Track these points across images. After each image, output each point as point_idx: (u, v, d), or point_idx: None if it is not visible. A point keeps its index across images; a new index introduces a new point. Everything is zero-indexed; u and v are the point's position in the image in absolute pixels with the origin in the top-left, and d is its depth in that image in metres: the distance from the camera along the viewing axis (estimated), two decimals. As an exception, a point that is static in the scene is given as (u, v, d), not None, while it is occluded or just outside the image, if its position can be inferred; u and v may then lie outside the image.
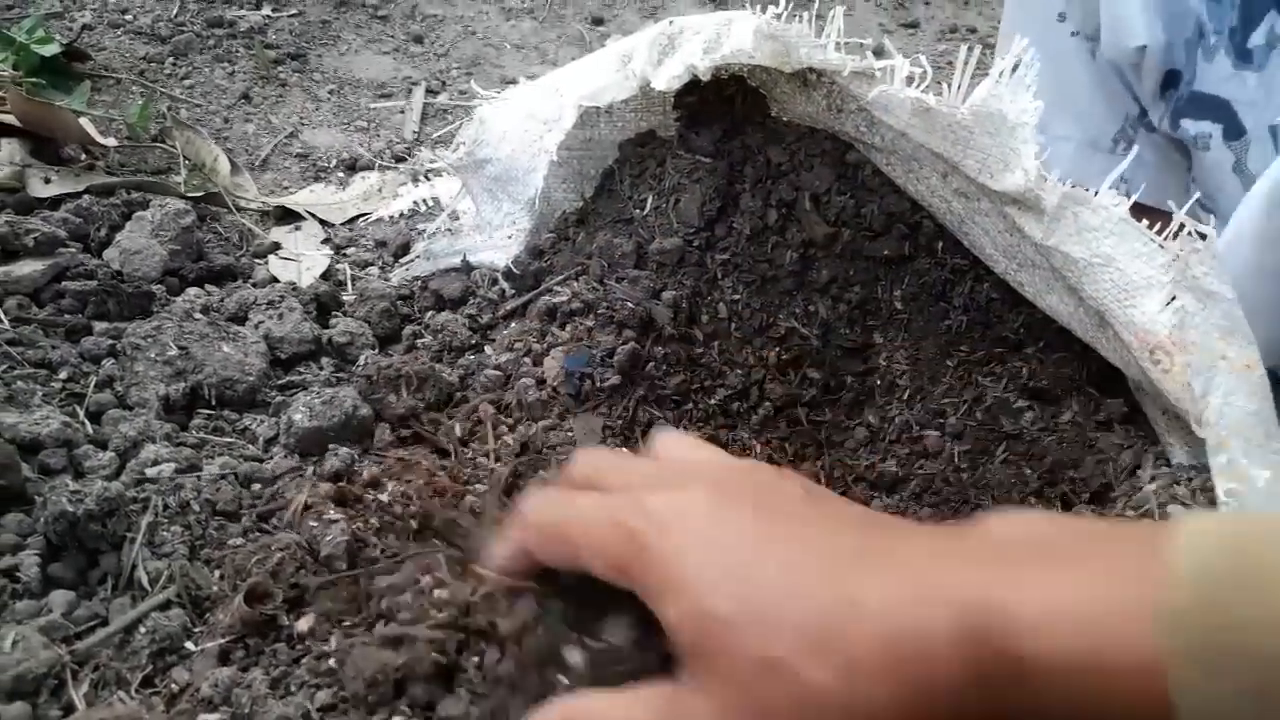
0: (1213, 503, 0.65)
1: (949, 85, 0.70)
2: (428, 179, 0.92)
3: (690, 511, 0.46)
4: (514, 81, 1.26)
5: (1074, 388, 0.80)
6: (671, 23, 0.82)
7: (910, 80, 0.72)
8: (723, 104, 0.86)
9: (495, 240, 0.93)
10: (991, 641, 0.38)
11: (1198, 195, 0.82)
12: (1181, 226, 0.65)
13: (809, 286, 0.86)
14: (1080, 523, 0.49)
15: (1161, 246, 0.66)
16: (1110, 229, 0.68)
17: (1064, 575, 0.39)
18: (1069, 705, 0.38)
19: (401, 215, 0.98)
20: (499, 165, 0.86)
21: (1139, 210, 0.68)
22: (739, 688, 0.42)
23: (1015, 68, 0.68)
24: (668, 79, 0.78)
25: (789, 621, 0.41)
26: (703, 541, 0.44)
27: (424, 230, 0.98)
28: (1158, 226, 0.67)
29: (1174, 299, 0.65)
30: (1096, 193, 0.68)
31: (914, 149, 0.77)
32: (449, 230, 0.93)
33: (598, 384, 0.78)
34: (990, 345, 0.83)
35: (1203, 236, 0.64)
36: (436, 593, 0.57)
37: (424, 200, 0.95)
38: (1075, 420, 0.79)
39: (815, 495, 0.49)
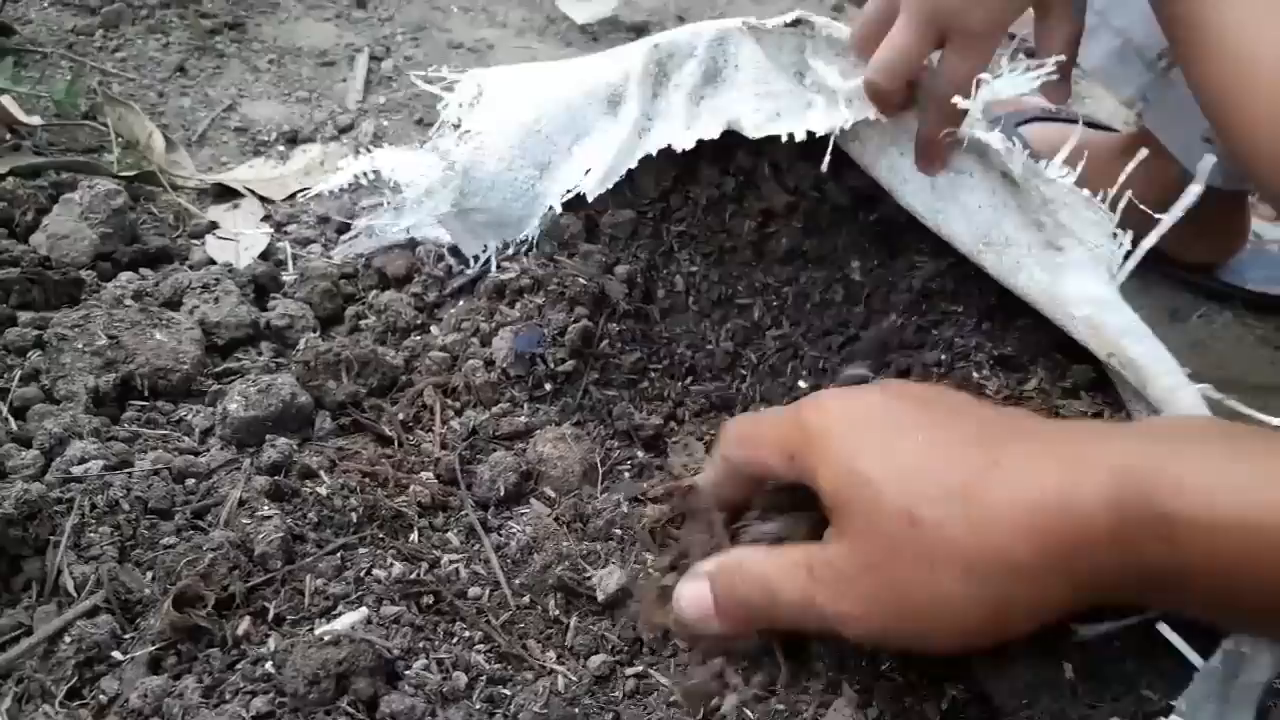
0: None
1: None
2: (369, 150, 0.88)
3: (856, 404, 0.51)
4: (460, 46, 1.22)
5: (1040, 354, 0.78)
6: (656, 46, 0.78)
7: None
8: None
9: (439, 211, 0.89)
10: (1142, 500, 0.40)
11: None
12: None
13: (768, 257, 0.83)
14: (1232, 424, 0.52)
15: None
16: (1063, 200, 0.68)
17: (1220, 450, 0.42)
18: (1211, 565, 0.40)
19: (344, 190, 0.94)
20: (490, 214, 0.82)
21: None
22: (877, 539, 0.45)
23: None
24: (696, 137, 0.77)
25: (930, 480, 0.44)
26: (861, 422, 0.49)
27: (367, 206, 0.95)
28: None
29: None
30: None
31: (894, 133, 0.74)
32: (393, 206, 0.90)
33: (550, 366, 0.75)
34: (953, 314, 0.80)
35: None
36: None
37: (365, 174, 0.91)
38: (1041, 387, 0.77)
39: (983, 402, 0.53)
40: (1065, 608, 0.45)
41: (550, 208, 0.80)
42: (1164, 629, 0.53)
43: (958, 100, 0.65)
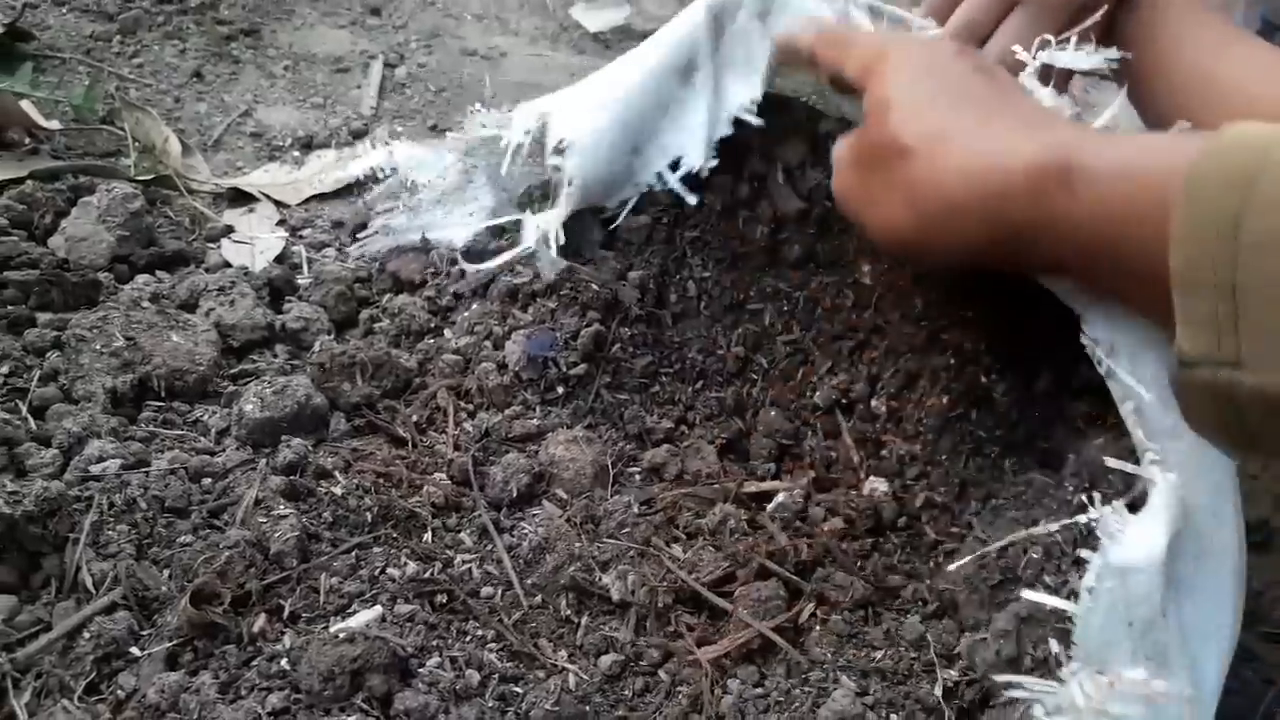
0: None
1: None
2: (387, 143, 0.89)
3: (918, 58, 0.61)
4: (474, 53, 1.23)
5: (1047, 357, 0.78)
6: (709, 5, 0.78)
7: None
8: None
9: (455, 217, 0.90)
10: (1058, 161, 0.50)
11: None
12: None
13: (780, 262, 0.83)
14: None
15: None
16: None
17: (1133, 138, 0.52)
18: (1097, 211, 0.48)
19: (358, 183, 0.94)
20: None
21: None
22: (873, 147, 0.59)
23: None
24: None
25: (928, 120, 0.56)
26: (915, 67, 0.60)
27: (382, 209, 0.95)
28: None
29: None
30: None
31: None
32: (408, 207, 0.90)
33: (562, 370, 0.76)
34: (962, 318, 0.81)
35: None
36: None
37: (381, 169, 0.92)
38: (1048, 390, 0.77)
39: (998, 80, 0.61)
40: (981, 248, 0.55)
41: (651, 186, 0.81)
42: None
43: (1018, 50, 0.67)
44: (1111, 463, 0.58)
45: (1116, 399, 0.60)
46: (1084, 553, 0.57)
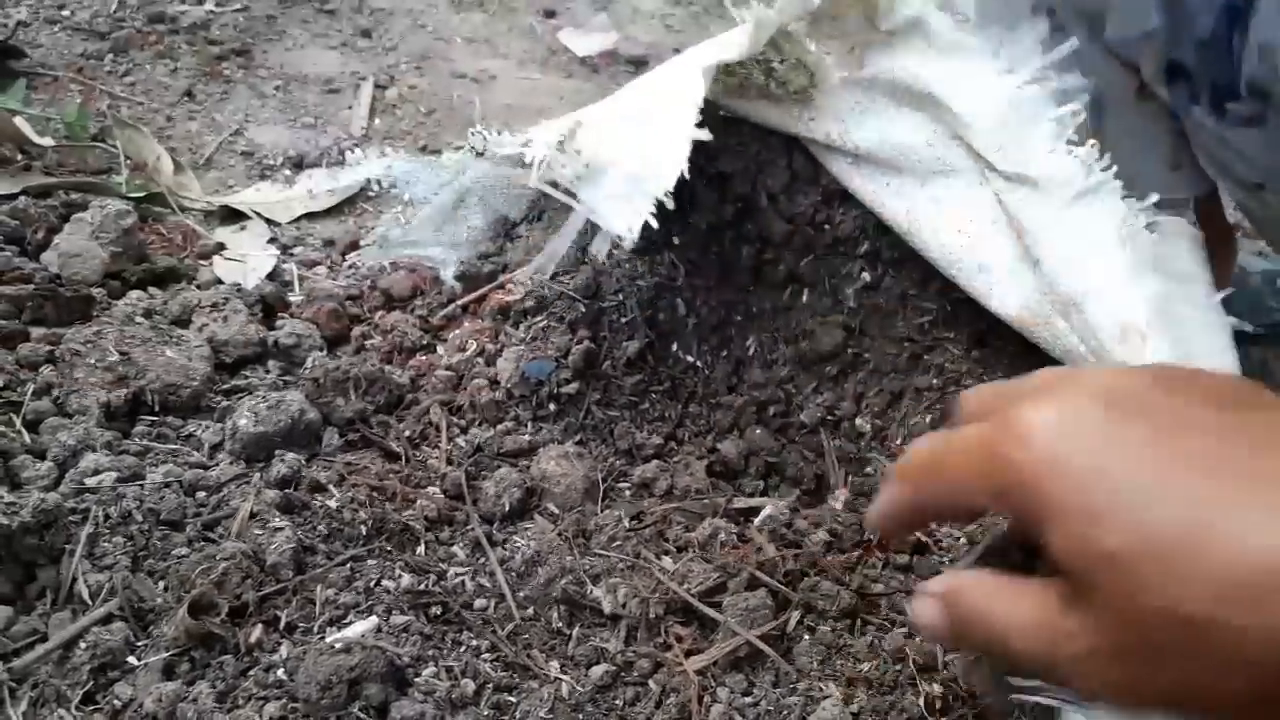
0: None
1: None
2: (383, 154, 0.90)
3: (1065, 419, 0.38)
4: (464, 76, 1.25)
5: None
6: None
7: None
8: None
9: (447, 234, 0.92)
10: None
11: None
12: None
13: (766, 283, 0.85)
14: None
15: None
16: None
17: None
18: None
19: (349, 201, 0.95)
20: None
21: None
22: (1133, 629, 0.36)
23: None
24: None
25: (1203, 572, 0.34)
26: (1081, 455, 0.37)
27: (373, 227, 0.97)
28: None
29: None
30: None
31: (895, 151, 0.76)
32: (404, 221, 0.92)
33: (553, 387, 0.77)
34: (945, 341, 0.83)
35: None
36: None
37: (378, 181, 0.94)
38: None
39: (1231, 398, 0.39)
40: None
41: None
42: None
43: None
44: None
45: None
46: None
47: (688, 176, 0.75)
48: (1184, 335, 0.65)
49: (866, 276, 0.84)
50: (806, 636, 0.64)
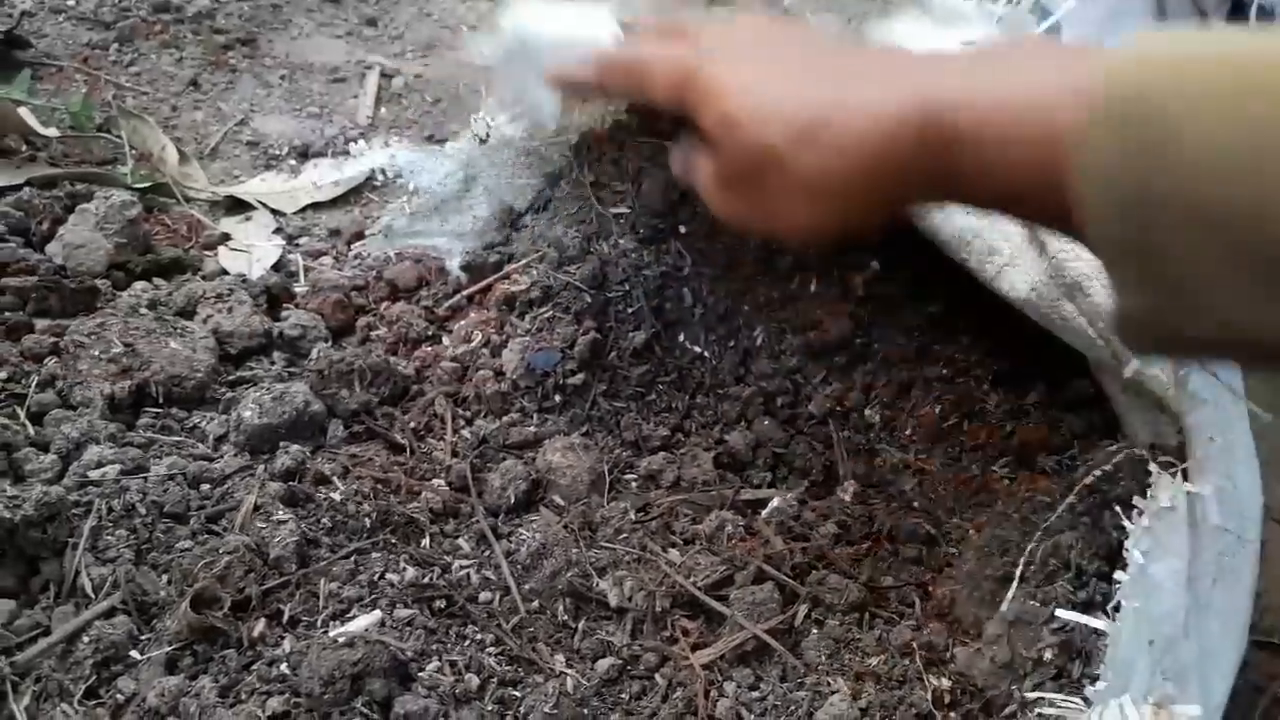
0: (1175, 473, 0.64)
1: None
2: (388, 145, 0.90)
3: (734, 43, 0.56)
4: (470, 64, 1.24)
5: (1039, 369, 0.79)
6: None
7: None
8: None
9: (453, 224, 0.91)
10: (935, 119, 0.46)
11: None
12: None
13: (774, 271, 0.84)
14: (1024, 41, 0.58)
15: None
16: None
17: (1000, 71, 0.46)
18: (986, 177, 0.46)
19: (354, 191, 0.94)
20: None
21: None
22: (744, 165, 0.53)
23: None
24: None
25: (787, 119, 0.51)
26: (737, 64, 0.54)
27: (378, 217, 0.96)
28: None
29: None
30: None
31: None
32: (410, 211, 0.91)
33: (559, 378, 0.76)
34: (954, 330, 0.82)
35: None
36: None
37: (383, 171, 0.93)
38: (1041, 402, 0.78)
39: (846, 42, 0.59)
40: (885, 211, 0.53)
41: None
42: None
43: None
44: (1160, 478, 0.57)
45: (1185, 413, 0.59)
46: (1097, 565, 0.58)
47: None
48: None
49: (876, 265, 0.84)
50: (814, 630, 0.64)
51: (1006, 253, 0.73)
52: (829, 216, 0.53)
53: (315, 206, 1.02)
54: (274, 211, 1.00)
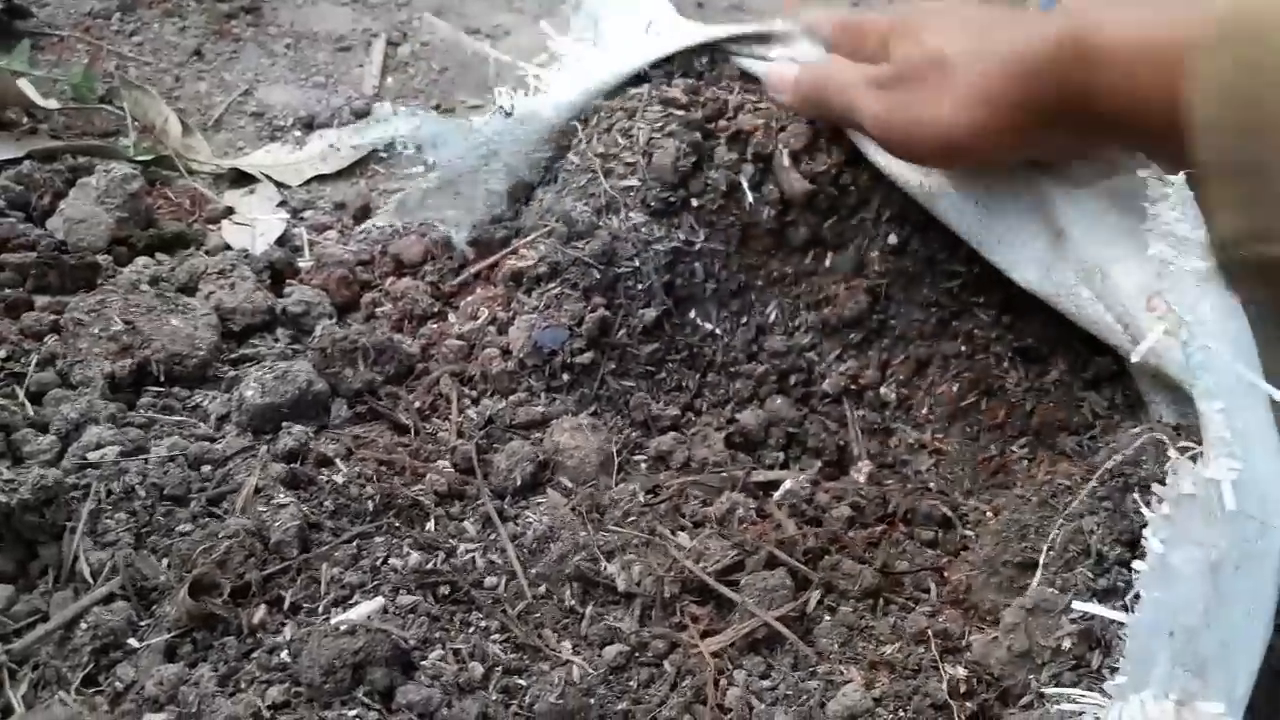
0: (1194, 458, 0.62)
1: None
2: (406, 108, 0.88)
3: (931, 11, 0.68)
4: (478, 31, 1.22)
5: (1060, 346, 0.77)
6: None
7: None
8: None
9: (465, 197, 0.89)
10: (1072, 39, 0.56)
11: None
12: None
13: (787, 246, 0.82)
14: None
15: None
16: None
17: (1136, 3, 0.56)
18: (1113, 94, 0.55)
19: (360, 162, 0.92)
20: None
21: None
22: (913, 65, 0.64)
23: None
24: None
25: (961, 35, 0.63)
26: (931, 16, 0.66)
27: (385, 190, 0.94)
28: None
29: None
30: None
31: None
32: (424, 186, 0.90)
33: (567, 356, 0.75)
34: (973, 306, 0.80)
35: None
36: None
37: (403, 141, 0.92)
38: (1062, 379, 0.76)
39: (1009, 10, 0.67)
40: (1020, 129, 0.61)
41: None
42: None
43: None
44: (1181, 463, 0.55)
45: (1199, 398, 0.57)
46: (1119, 551, 0.56)
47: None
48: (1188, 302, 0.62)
49: (893, 239, 0.81)
50: (827, 617, 0.62)
51: (1017, 239, 0.71)
52: (973, 122, 0.61)
53: (320, 179, 1.00)
54: (278, 184, 0.98)
